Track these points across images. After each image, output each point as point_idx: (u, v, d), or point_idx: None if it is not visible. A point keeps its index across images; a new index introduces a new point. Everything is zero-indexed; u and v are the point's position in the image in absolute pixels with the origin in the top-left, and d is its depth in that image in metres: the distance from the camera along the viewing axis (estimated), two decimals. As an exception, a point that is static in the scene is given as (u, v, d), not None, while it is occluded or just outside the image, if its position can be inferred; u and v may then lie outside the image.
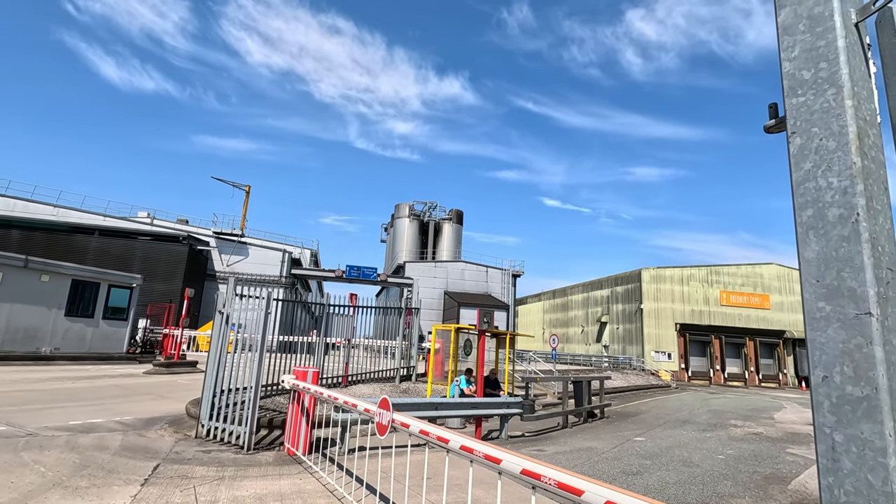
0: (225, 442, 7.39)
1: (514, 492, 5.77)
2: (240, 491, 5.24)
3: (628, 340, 45.39)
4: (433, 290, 45.30)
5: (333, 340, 13.20)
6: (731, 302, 45.36)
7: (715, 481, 7.68)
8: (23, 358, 16.21)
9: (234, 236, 41.26)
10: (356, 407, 5.16)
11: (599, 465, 8.33)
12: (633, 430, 12.72)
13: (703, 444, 11.05)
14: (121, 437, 7.26)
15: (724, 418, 16.49)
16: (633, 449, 10.05)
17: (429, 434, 3.73)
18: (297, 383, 6.96)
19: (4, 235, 32.29)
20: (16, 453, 5.90)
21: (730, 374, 42.91)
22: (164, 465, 6.00)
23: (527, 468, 2.78)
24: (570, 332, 57.05)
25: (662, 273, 45.13)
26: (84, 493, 4.77)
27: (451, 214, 63.59)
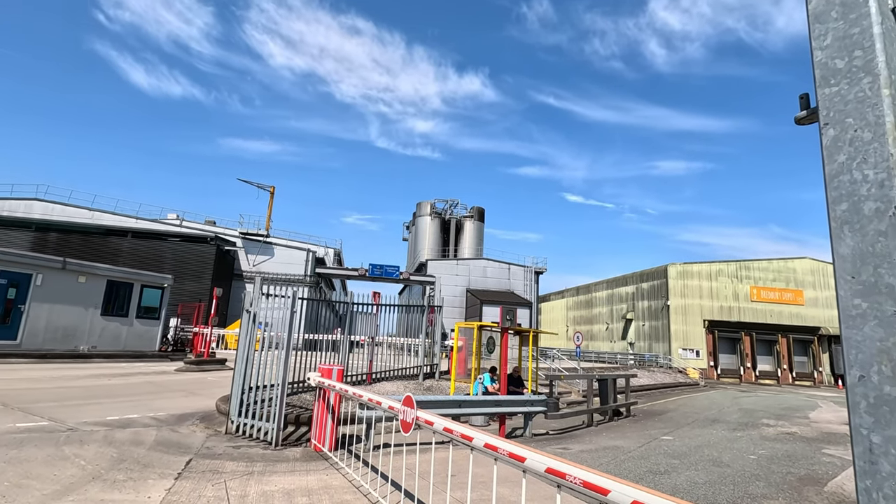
0: (253, 438, 7.56)
1: (539, 490, 5.75)
2: (268, 486, 5.36)
3: (654, 337, 44.56)
4: (455, 287, 45.35)
5: (357, 338, 13.36)
6: (763, 298, 44.06)
7: (746, 482, 7.49)
8: (62, 356, 16.89)
9: (260, 236, 42.10)
10: (381, 404, 5.21)
11: (626, 465, 8.22)
12: (661, 429, 12.50)
13: (734, 444, 10.78)
14: (155, 432, 7.51)
15: (755, 417, 16.06)
16: (661, 448, 9.88)
17: (453, 432, 3.75)
18: (323, 381, 7.07)
19: (43, 238, 33.69)
20: (58, 447, 6.16)
21: (761, 372, 41.72)
22: (196, 460, 6.18)
23: (551, 467, 2.77)
24: (594, 329, 56.36)
25: (689, 269, 44.12)
26: (122, 486, 4.95)
27: (473, 212, 63.49)
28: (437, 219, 62.53)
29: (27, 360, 15.29)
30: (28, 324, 16.37)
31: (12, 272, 16.11)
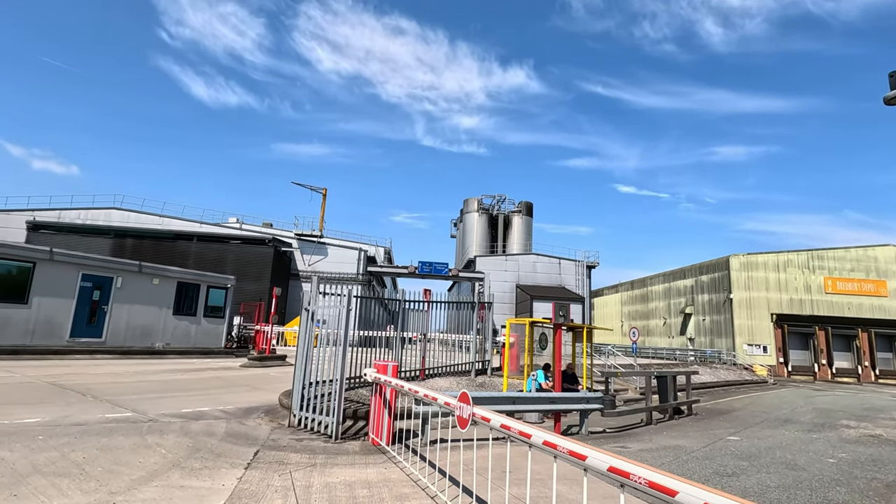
0: (314, 431, 7.87)
1: (599, 489, 5.64)
2: (331, 477, 5.57)
3: (716, 333, 42.39)
4: (504, 283, 45.06)
5: (410, 335, 13.58)
6: (839, 289, 40.87)
7: (825, 487, 7.00)
8: (140, 352, 18.27)
9: (314, 237, 43.60)
10: (436, 400, 5.28)
11: (689, 465, 7.89)
12: (726, 429, 11.90)
13: (810, 446, 10.09)
14: (225, 424, 7.98)
15: (833, 418, 14.94)
16: (727, 449, 9.41)
17: (510, 428, 3.74)
18: (379, 377, 7.24)
19: (121, 244, 36.54)
20: (141, 436, 6.68)
21: (838, 370, 38.73)
22: (263, 452, 6.51)
23: (614, 465, 2.71)
24: (650, 324, 54.35)
25: (754, 259, 41.60)
26: (198, 474, 5.31)
27: (521, 206, 62.79)
28: (484, 215, 62.33)
29: (111, 356, 16.65)
30: (111, 323, 17.81)
31: (97, 276, 17.57)
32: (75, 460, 5.39)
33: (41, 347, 15.55)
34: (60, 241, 34.30)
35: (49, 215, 39.86)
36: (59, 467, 5.12)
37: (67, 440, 6.17)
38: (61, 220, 39.51)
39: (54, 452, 5.62)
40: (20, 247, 17.07)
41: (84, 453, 5.67)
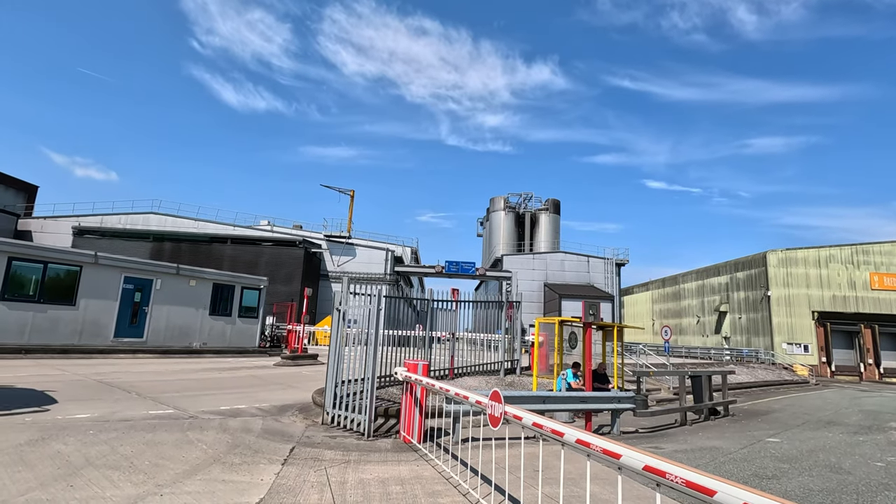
0: (347, 428, 8.03)
1: (633, 489, 5.58)
2: (364, 474, 5.69)
3: (753, 331, 41.01)
4: (532, 282, 44.73)
5: (438, 334, 13.67)
6: (886, 285, 38.94)
7: (873, 492, 6.71)
8: (180, 351, 18.96)
9: (343, 238, 44.28)
10: (468, 399, 5.32)
11: (726, 467, 7.69)
12: (765, 430, 11.52)
13: (856, 449, 9.68)
14: (261, 421, 8.22)
15: (881, 420, 14.27)
16: (766, 450, 9.12)
17: (542, 427, 3.75)
18: (410, 375, 7.34)
19: (159, 248, 37.97)
20: (183, 433, 6.96)
21: (887, 370, 36.91)
22: (299, 448, 6.69)
23: (650, 465, 2.69)
24: (683, 322, 53.01)
25: (793, 255, 40.04)
26: (238, 469, 5.50)
27: (548, 204, 62.17)
28: (511, 213, 61.98)
29: (151, 356, 17.34)
30: (151, 323, 18.55)
31: (137, 278, 18.32)
32: (124, 454, 5.67)
33: (88, 347, 16.32)
34: (104, 245, 35.89)
35: (92, 221, 41.74)
36: (110, 460, 5.40)
37: (116, 435, 6.49)
38: (104, 225, 41.31)
39: (104, 446, 5.91)
40: (69, 251, 17.96)
41: (131, 447, 5.95)
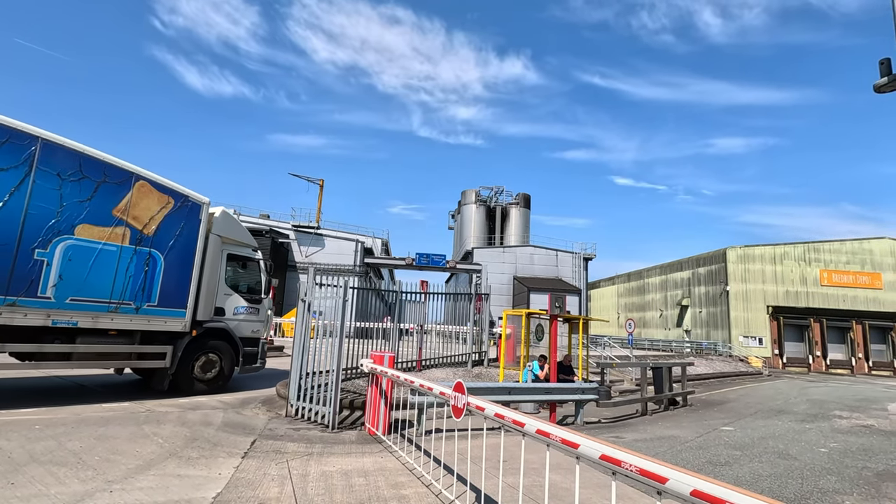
0: (311, 421, 7.92)
1: (592, 477, 5.70)
2: (327, 466, 5.61)
3: (713, 325, 42.64)
4: (502, 275, 45.13)
5: (406, 326, 13.62)
6: (834, 282, 41.09)
7: (816, 476, 7.09)
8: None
9: (311, 229, 43.50)
10: (432, 390, 5.31)
11: (683, 455, 7.98)
12: (720, 419, 12.01)
13: (802, 436, 10.21)
14: (222, 414, 8.01)
15: (826, 409, 15.10)
16: (721, 439, 9.51)
17: (504, 417, 3.77)
18: (376, 367, 7.28)
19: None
20: (138, 426, 6.71)
21: (832, 361, 39.06)
22: (260, 441, 6.55)
23: (606, 454, 2.73)
24: (647, 316, 54.61)
25: (751, 252, 41.74)
26: (195, 463, 5.34)
27: (518, 198, 62.71)
28: (482, 207, 62.24)
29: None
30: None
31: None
32: (72, 449, 5.42)
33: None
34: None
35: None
36: (57, 456, 5.15)
37: (64, 430, 6.19)
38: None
39: (51, 441, 5.64)
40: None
41: (81, 442, 5.70)
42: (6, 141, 7.09)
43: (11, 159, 7.14)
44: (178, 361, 9.24)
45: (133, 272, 8.60)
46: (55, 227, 7.60)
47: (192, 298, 9.54)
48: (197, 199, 9.78)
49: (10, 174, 7.12)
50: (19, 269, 7.22)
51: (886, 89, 1.70)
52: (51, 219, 7.55)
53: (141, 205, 8.76)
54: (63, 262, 7.68)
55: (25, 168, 7.29)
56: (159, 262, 8.98)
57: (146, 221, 8.85)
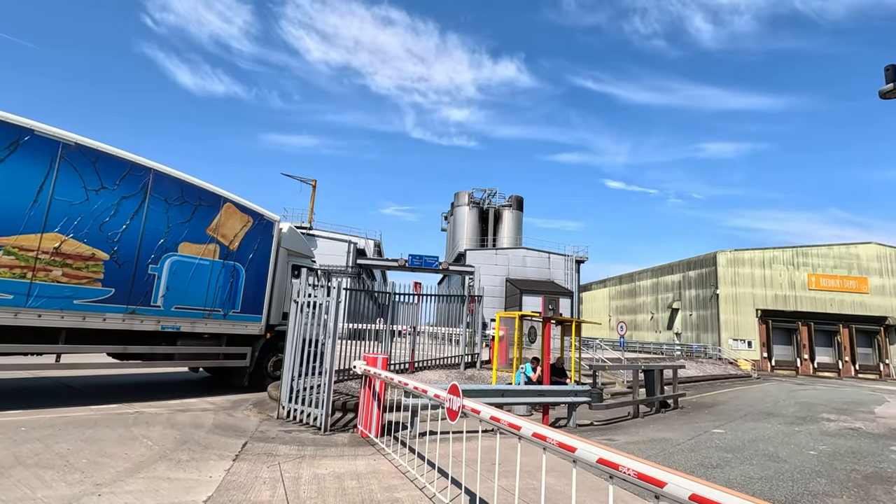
0: (303, 423, 7.85)
1: (587, 480, 5.70)
2: (320, 469, 5.56)
3: (703, 328, 42.98)
4: (494, 277, 45.17)
5: (399, 328, 13.56)
6: (822, 286, 41.58)
7: (806, 478, 7.15)
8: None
9: (304, 229, 43.25)
10: (426, 392, 5.28)
11: (675, 457, 8.01)
12: (711, 422, 12.09)
13: (791, 439, 10.30)
14: (212, 416, 7.92)
15: (814, 411, 15.26)
16: (712, 441, 9.56)
17: (500, 420, 3.76)
18: (369, 369, 7.23)
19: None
20: (126, 428, 6.61)
21: (820, 364, 39.52)
22: (252, 443, 6.48)
23: (603, 457, 2.73)
24: (638, 319, 54.92)
25: (741, 256, 42.15)
26: (185, 466, 5.26)
27: (511, 201, 62.84)
28: (475, 208, 62.28)
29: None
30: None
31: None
32: (59, 452, 5.32)
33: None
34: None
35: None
36: (43, 459, 5.05)
37: (51, 432, 6.08)
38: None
39: (38, 444, 5.53)
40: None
41: (68, 445, 5.60)
42: (128, 172, 8.48)
43: (131, 188, 8.52)
44: (255, 361, 10.61)
45: (222, 283, 9.95)
46: (164, 245, 8.96)
47: (267, 305, 10.91)
48: (270, 218, 11.26)
49: (131, 201, 8.50)
50: (138, 281, 8.56)
51: (892, 95, 1.70)
52: (160, 238, 8.90)
53: (227, 224, 10.17)
54: (169, 275, 9.02)
55: (141, 195, 8.66)
56: (242, 274, 10.37)
57: (231, 238, 10.25)
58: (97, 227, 8.03)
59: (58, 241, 7.60)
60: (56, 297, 7.59)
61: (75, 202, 7.80)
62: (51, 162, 7.58)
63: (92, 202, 8.00)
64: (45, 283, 7.48)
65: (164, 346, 9.12)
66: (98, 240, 8.04)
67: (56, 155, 7.65)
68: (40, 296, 7.42)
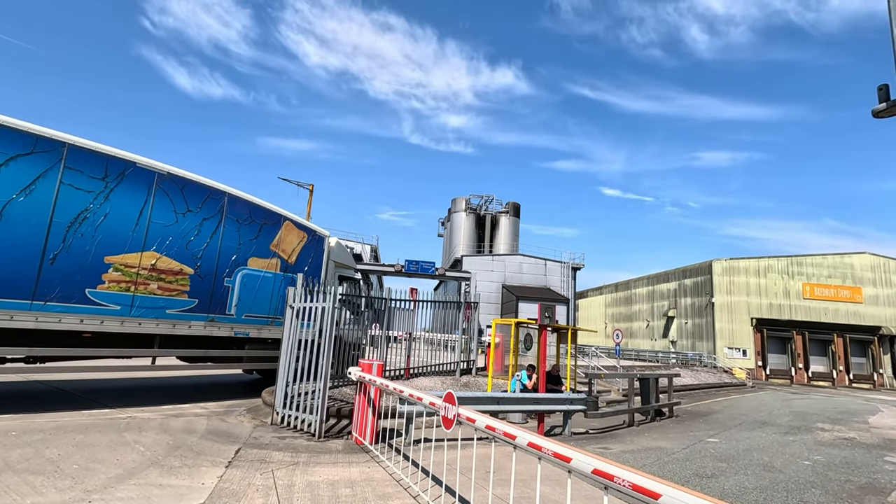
0: (297, 429, 7.80)
1: (581, 490, 5.68)
2: (313, 476, 5.52)
3: (698, 336, 43.06)
4: (491, 283, 45.17)
5: (395, 334, 13.52)
6: (816, 295, 41.78)
7: (801, 489, 7.15)
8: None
9: (300, 233, 43.16)
10: (422, 400, 5.27)
11: (669, 467, 7.99)
12: (706, 431, 12.09)
13: (786, 448, 10.30)
14: (205, 421, 7.86)
15: (809, 421, 15.28)
16: (706, 450, 9.56)
17: (495, 430, 3.75)
18: (364, 375, 7.20)
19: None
20: (118, 433, 6.55)
21: (814, 373, 39.62)
22: (245, 450, 6.43)
23: (599, 468, 2.72)
24: (633, 326, 54.98)
25: (736, 264, 42.33)
26: (178, 472, 5.22)
27: (508, 207, 62.98)
28: (472, 214, 62.36)
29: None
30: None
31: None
32: (50, 457, 5.26)
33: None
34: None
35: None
36: (34, 464, 4.99)
37: (42, 436, 6.02)
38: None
39: (28, 449, 5.47)
40: None
41: (59, 450, 5.54)
42: (208, 197, 9.66)
43: (210, 210, 9.69)
44: None
45: (282, 293, 10.81)
46: (236, 260, 10.10)
47: None
48: (321, 233, 12.45)
49: (210, 222, 9.66)
50: (216, 293, 9.66)
51: (885, 114, 1.72)
52: (233, 254, 10.07)
53: (287, 240, 11.30)
54: (240, 287, 10.11)
55: (219, 217, 9.84)
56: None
57: (290, 253, 11.38)
58: (184, 245, 9.18)
59: (154, 258, 8.73)
60: (152, 307, 8.69)
61: (167, 224, 8.95)
62: (148, 190, 8.73)
63: (180, 224, 9.15)
64: (144, 295, 8.58)
65: (235, 350, 10.18)
66: (185, 256, 9.18)
67: (152, 183, 8.79)
68: (140, 306, 8.53)
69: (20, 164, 7.27)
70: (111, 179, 8.19)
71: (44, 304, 7.43)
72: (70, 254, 7.70)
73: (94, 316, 7.96)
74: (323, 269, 12.14)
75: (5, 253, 7.09)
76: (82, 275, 7.82)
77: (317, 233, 12.15)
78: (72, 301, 7.72)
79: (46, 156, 7.53)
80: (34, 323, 7.37)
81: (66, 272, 7.64)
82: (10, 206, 7.15)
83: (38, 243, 7.40)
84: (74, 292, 7.75)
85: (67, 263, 7.66)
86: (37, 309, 7.36)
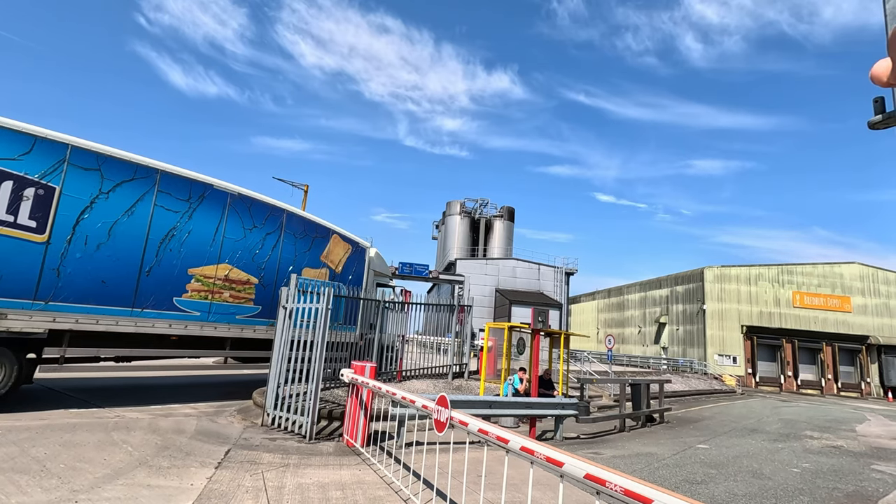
0: (288, 430, 7.75)
1: (572, 494, 5.68)
2: (304, 478, 5.49)
3: (689, 342, 43.29)
4: (484, 287, 45.21)
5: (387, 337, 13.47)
6: (806, 304, 42.15)
7: (789, 496, 7.19)
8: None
9: (294, 234, 43.04)
10: (414, 403, 5.25)
11: (660, 472, 8.02)
12: (696, 437, 12.14)
13: (775, 456, 10.37)
14: (195, 422, 7.79)
15: (797, 428, 15.40)
16: (696, 457, 9.60)
17: (488, 433, 3.74)
18: (356, 377, 7.17)
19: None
20: (107, 433, 6.47)
21: (803, 381, 39.94)
22: (235, 451, 6.38)
23: (591, 473, 2.73)
24: (626, 332, 55.19)
25: (727, 272, 42.64)
26: (166, 473, 5.16)
27: (502, 211, 63.13)
28: (466, 218, 62.44)
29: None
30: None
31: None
32: (36, 456, 5.19)
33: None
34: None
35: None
36: (19, 463, 4.92)
37: (28, 435, 5.94)
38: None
39: (13, 448, 5.40)
40: None
41: (46, 449, 5.47)
42: (270, 214, 10.76)
43: (272, 226, 10.82)
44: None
45: None
46: (292, 270, 11.03)
47: (360, 318, 12.25)
48: (363, 245, 13.52)
49: (272, 236, 10.76)
50: (276, 300, 10.29)
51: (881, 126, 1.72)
52: (290, 265, 11.11)
53: (334, 251, 12.37)
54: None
55: (278, 231, 10.95)
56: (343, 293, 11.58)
57: (337, 263, 12.40)
58: (251, 257, 10.27)
59: (227, 269, 9.81)
60: (225, 313, 9.76)
61: (237, 239, 10.05)
62: (222, 209, 9.83)
63: (248, 238, 10.24)
64: (219, 302, 9.64)
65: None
66: (251, 267, 10.28)
67: (226, 203, 9.88)
68: (216, 313, 9.58)
69: (125, 189, 8.34)
70: (194, 201, 9.32)
71: (141, 311, 8.49)
72: (162, 267, 8.77)
73: (179, 321, 9.03)
74: (364, 278, 13.16)
75: (113, 267, 8.13)
76: (171, 285, 8.91)
77: (359, 244, 13.12)
78: (162, 308, 8.78)
79: (144, 181, 8.59)
80: (133, 327, 8.40)
81: (158, 283, 8.73)
82: (117, 226, 8.22)
83: (137, 258, 8.47)
84: (164, 300, 8.81)
85: (160, 275, 8.75)
86: (136, 315, 8.42)
